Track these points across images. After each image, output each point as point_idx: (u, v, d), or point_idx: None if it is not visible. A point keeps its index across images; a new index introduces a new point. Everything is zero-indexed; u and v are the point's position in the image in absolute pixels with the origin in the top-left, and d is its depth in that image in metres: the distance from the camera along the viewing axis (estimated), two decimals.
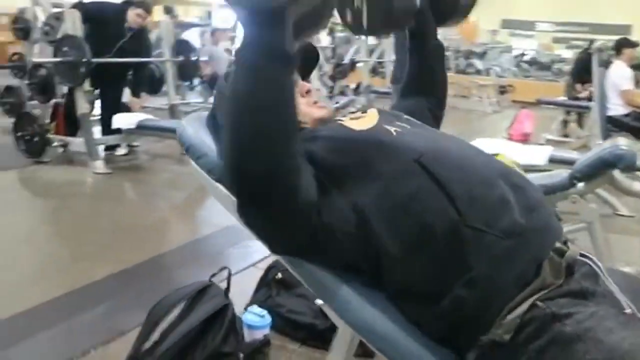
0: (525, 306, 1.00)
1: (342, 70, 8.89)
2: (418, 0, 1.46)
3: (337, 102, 7.30)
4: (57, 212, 4.17)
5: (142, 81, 5.59)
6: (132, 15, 5.05)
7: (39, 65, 5.02)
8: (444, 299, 1.04)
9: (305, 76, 1.41)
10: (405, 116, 1.32)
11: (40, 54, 5.74)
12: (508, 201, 1.09)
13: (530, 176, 3.49)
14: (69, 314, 2.48)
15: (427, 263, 1.06)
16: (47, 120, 5.24)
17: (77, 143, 5.09)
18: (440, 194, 1.07)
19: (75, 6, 4.91)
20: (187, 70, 6.00)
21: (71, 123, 5.10)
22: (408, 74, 1.59)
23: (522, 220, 1.07)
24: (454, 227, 1.04)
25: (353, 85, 9.31)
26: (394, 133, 1.19)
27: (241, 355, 1.83)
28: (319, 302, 1.26)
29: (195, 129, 1.41)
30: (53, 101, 5.25)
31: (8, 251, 3.21)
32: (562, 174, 2.74)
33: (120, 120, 5.15)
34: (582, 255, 1.10)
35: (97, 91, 5.42)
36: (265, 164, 1.00)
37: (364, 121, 1.24)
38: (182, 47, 5.88)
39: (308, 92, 1.34)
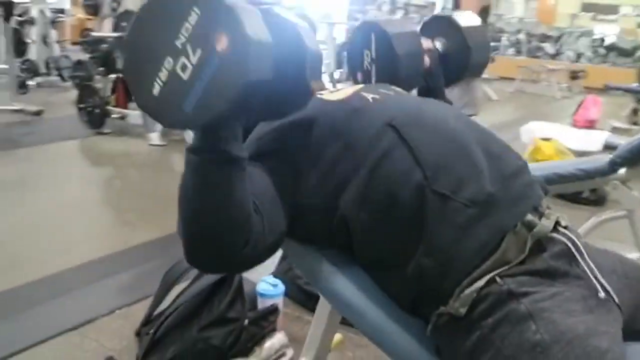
0: (482, 281, 0.98)
1: None
2: (427, 62, 1.52)
3: None
4: (109, 180, 4.37)
5: None
6: None
7: (101, 40, 5.20)
8: (409, 265, 1.03)
9: None
10: (394, 87, 1.30)
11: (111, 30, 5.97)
12: (479, 168, 1.06)
13: (571, 160, 3.39)
14: (103, 275, 2.61)
15: (393, 229, 1.05)
16: (108, 93, 5.44)
17: (134, 115, 5.27)
18: (409, 157, 1.05)
19: None
20: None
21: (128, 95, 5.29)
22: None
23: (491, 189, 1.04)
24: (420, 191, 1.02)
25: None
26: (371, 100, 1.17)
27: (246, 321, 1.86)
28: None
29: None
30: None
31: (58, 213, 3.40)
32: (603, 158, 2.63)
33: None
34: (563, 233, 1.06)
35: None
36: (211, 257, 0.99)
37: (342, 92, 1.23)
38: None
39: None
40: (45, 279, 2.53)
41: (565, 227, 1.07)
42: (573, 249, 1.03)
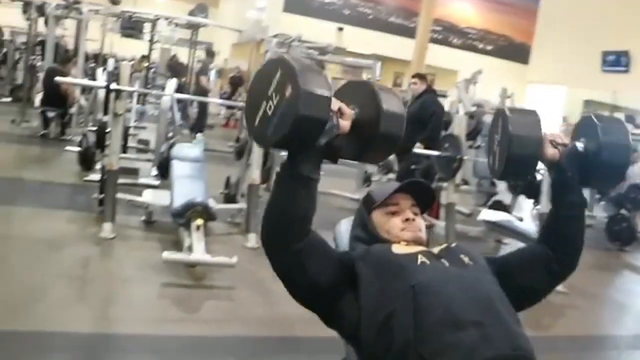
0: None
1: None
2: (555, 155, 1.61)
3: None
4: None
5: None
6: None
7: (426, 156, 5.89)
8: None
9: (424, 210, 1.74)
10: (462, 255, 1.53)
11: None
12: (463, 344, 1.29)
13: None
14: None
15: None
16: None
17: (440, 226, 5.77)
18: (412, 317, 1.34)
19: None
20: None
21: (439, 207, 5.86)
22: (545, 220, 1.71)
23: None
24: (407, 347, 1.32)
25: None
26: (419, 262, 1.47)
27: None
28: None
29: (345, 229, 1.86)
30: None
31: None
32: None
33: (488, 214, 5.72)
34: None
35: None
36: (270, 238, 1.46)
37: (409, 248, 1.54)
38: None
39: (407, 220, 1.66)
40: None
41: None
42: None
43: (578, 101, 16.44)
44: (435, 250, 1.55)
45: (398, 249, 1.54)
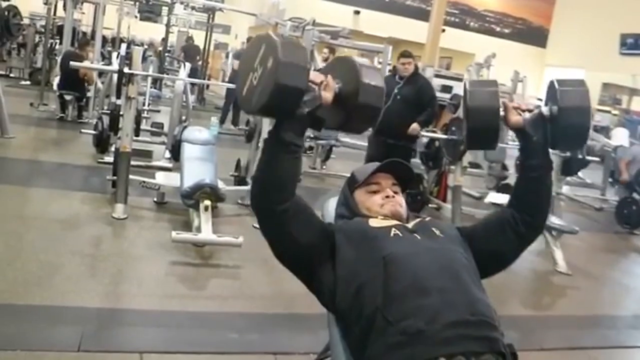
0: None
1: None
2: (518, 122, 1.70)
3: None
4: None
5: None
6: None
7: (434, 139, 5.96)
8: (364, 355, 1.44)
9: (404, 189, 1.84)
10: (434, 228, 1.63)
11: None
12: (426, 309, 1.38)
13: None
14: None
15: (355, 331, 1.48)
16: (433, 184, 6.15)
17: (447, 209, 5.84)
18: (380, 284, 1.45)
19: None
20: (570, 166, 6.09)
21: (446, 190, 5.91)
22: (514, 185, 1.80)
23: (423, 327, 1.35)
24: (375, 312, 1.42)
25: None
26: (392, 235, 1.57)
27: None
28: None
29: (332, 207, 1.95)
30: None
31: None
32: None
33: (495, 197, 5.79)
34: None
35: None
36: (259, 201, 1.59)
37: (385, 222, 1.64)
38: None
39: (387, 197, 1.76)
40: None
41: None
42: None
43: (596, 84, 16.25)
44: (410, 224, 1.65)
45: (374, 222, 1.64)
